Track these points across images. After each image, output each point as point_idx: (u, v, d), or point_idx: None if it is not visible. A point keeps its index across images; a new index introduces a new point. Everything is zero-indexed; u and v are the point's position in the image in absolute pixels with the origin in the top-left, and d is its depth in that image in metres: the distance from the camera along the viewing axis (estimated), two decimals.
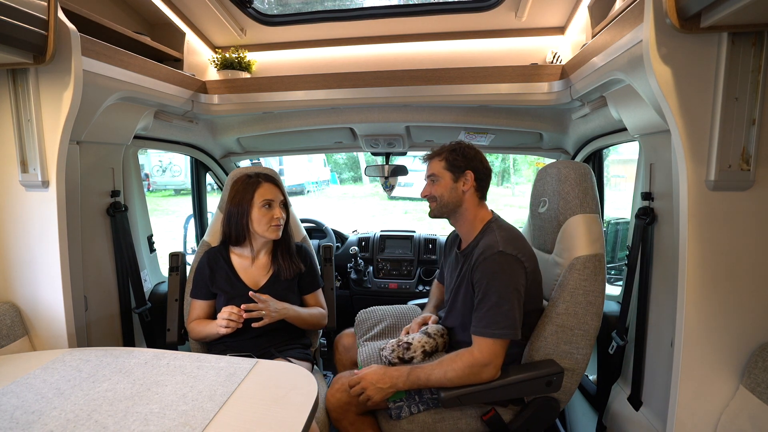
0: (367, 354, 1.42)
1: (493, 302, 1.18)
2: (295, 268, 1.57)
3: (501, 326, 1.16)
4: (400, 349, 1.33)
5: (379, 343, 1.47)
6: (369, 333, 1.58)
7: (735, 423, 0.96)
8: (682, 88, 0.94)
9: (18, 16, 0.99)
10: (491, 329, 1.17)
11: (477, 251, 1.27)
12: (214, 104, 1.80)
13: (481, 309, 1.20)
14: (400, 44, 1.90)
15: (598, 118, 1.61)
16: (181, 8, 1.76)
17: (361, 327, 1.62)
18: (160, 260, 2.08)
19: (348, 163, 17.19)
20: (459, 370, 1.19)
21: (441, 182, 1.36)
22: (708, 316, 0.99)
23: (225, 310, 1.39)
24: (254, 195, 1.49)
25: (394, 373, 1.25)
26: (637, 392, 1.36)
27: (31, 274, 1.25)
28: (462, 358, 1.20)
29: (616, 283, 2.03)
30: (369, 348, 1.45)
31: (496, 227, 1.31)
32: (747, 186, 0.96)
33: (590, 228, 1.34)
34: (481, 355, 1.18)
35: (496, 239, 1.25)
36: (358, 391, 1.26)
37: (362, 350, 1.45)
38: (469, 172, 1.34)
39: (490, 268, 1.20)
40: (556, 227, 1.40)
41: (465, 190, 1.34)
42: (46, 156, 1.18)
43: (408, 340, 1.36)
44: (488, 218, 1.37)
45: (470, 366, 1.18)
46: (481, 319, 1.20)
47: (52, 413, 0.88)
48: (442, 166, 1.36)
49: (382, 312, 1.66)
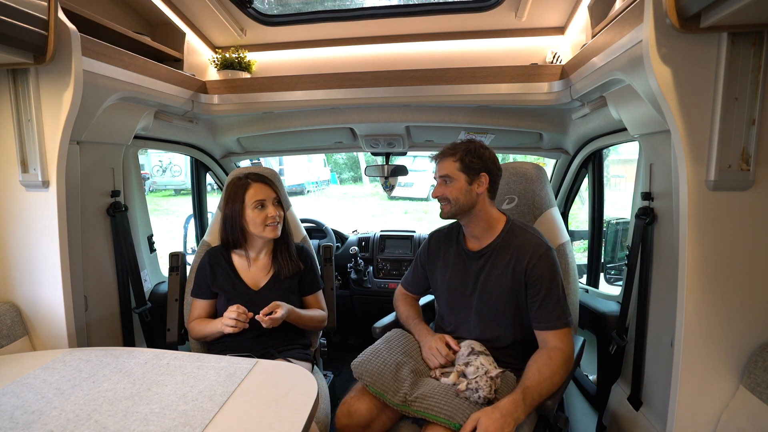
0: (450, 406, 1.10)
1: (559, 294, 1.24)
2: (295, 266, 1.57)
3: (568, 314, 1.25)
4: (494, 382, 1.14)
5: (427, 387, 1.19)
6: (405, 385, 1.19)
7: (735, 423, 0.96)
8: (682, 88, 0.94)
9: (18, 16, 0.99)
10: (564, 319, 1.23)
11: (524, 251, 1.27)
12: (214, 104, 1.80)
13: (549, 303, 1.23)
14: (400, 44, 1.90)
15: (598, 118, 1.61)
16: (181, 8, 1.76)
17: (385, 383, 1.20)
18: (160, 260, 2.08)
19: (348, 163, 17.18)
20: (560, 370, 1.17)
21: (455, 184, 1.30)
22: (708, 316, 0.99)
23: (232, 310, 1.37)
24: (245, 197, 1.48)
25: (510, 408, 1.06)
26: (637, 392, 1.36)
27: (31, 274, 1.25)
28: (557, 359, 1.18)
29: (616, 283, 2.03)
30: (437, 399, 1.13)
31: (524, 226, 1.36)
32: (747, 186, 0.96)
33: (558, 220, 1.58)
34: (567, 347, 1.21)
35: (539, 237, 1.32)
36: None
37: (432, 404, 1.11)
38: (484, 175, 1.31)
39: (548, 264, 1.26)
40: (531, 221, 1.58)
41: (479, 193, 1.31)
42: (47, 156, 1.18)
43: (487, 366, 1.17)
44: (504, 218, 1.37)
45: (565, 361, 1.19)
46: (551, 313, 1.23)
47: (52, 413, 0.88)
48: (457, 167, 1.31)
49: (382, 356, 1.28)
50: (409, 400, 1.15)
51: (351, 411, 1.20)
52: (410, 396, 1.16)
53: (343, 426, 1.20)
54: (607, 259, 2.13)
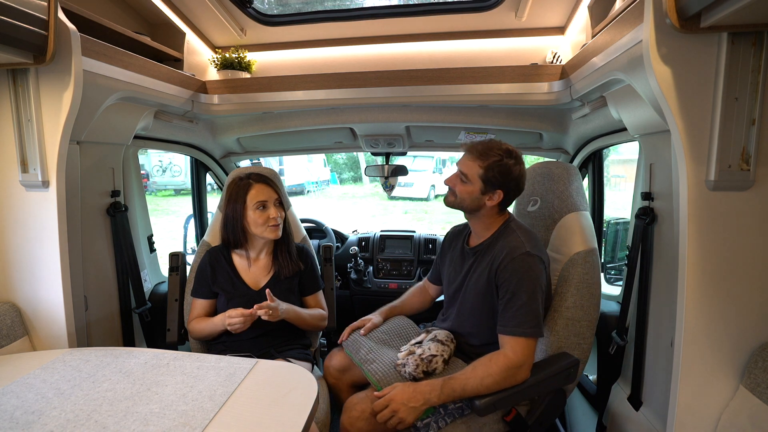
0: (383, 372, 1.29)
1: (523, 301, 1.18)
2: (295, 266, 1.57)
3: (531, 325, 1.17)
4: (423, 362, 1.24)
5: (383, 357, 1.35)
6: (365, 349, 1.40)
7: (735, 423, 0.96)
8: (682, 88, 0.94)
9: (18, 16, 0.99)
10: (523, 328, 1.17)
11: (501, 252, 1.26)
12: (214, 104, 1.80)
13: (511, 308, 1.19)
14: (400, 44, 1.90)
15: (598, 118, 1.61)
16: (181, 8, 1.76)
17: (355, 347, 1.43)
18: (160, 260, 2.08)
19: (348, 163, 17.18)
20: (496, 375, 1.15)
21: (469, 187, 1.29)
22: (708, 316, 0.99)
23: (235, 314, 1.36)
24: (246, 197, 1.48)
25: (425, 389, 1.16)
26: (637, 392, 1.36)
27: (31, 274, 1.25)
28: (497, 363, 1.16)
29: (616, 283, 2.03)
30: (380, 365, 1.32)
31: (515, 227, 1.32)
32: (747, 186, 0.96)
33: (585, 224, 1.42)
34: (516, 356, 1.16)
35: (521, 240, 1.26)
36: (387, 415, 1.16)
37: (373, 368, 1.31)
38: (499, 192, 1.29)
39: (519, 269, 1.21)
40: (551, 225, 1.48)
41: (488, 205, 1.31)
42: (46, 156, 1.18)
43: (431, 351, 1.28)
44: (505, 218, 1.37)
45: (507, 369, 1.15)
46: (511, 319, 1.18)
47: (52, 413, 0.88)
48: (479, 173, 1.27)
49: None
50: (363, 359, 1.35)
51: (331, 356, 1.52)
52: (364, 357, 1.36)
53: (326, 367, 1.51)
54: (607, 259, 2.13)
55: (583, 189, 1.52)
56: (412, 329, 1.53)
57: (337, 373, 1.47)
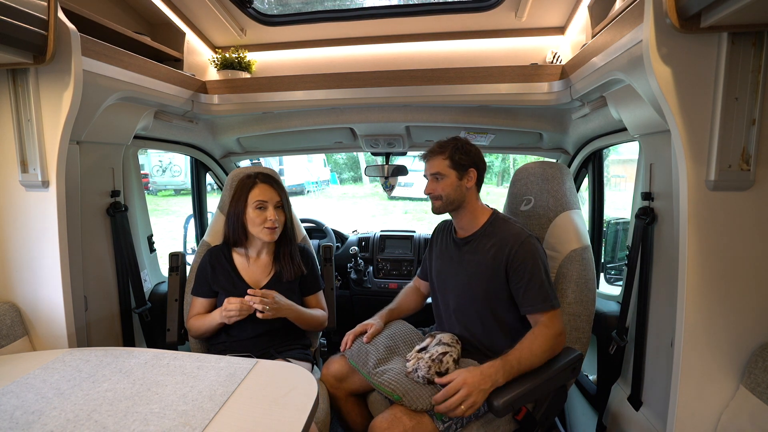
0: (397, 381, 1.24)
1: (543, 278, 1.27)
2: (297, 270, 1.57)
3: (555, 297, 1.27)
4: (435, 363, 1.24)
5: (392, 367, 1.32)
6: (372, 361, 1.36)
7: (735, 423, 0.96)
8: (682, 88, 0.94)
9: (18, 16, 0.99)
10: (551, 302, 1.25)
11: (506, 241, 1.32)
12: (214, 104, 1.80)
13: (533, 288, 1.27)
14: (400, 44, 1.90)
15: (598, 118, 1.61)
16: (181, 8, 1.76)
17: (361, 358, 1.39)
18: (160, 260, 2.08)
19: (348, 163, 17.19)
20: (545, 345, 1.21)
21: (446, 180, 1.38)
22: (708, 316, 0.99)
23: (231, 302, 1.36)
24: (248, 195, 1.49)
25: (490, 371, 1.15)
26: (637, 392, 1.36)
27: (31, 274, 1.25)
28: (542, 335, 1.22)
29: (616, 283, 2.02)
30: (392, 374, 1.27)
31: (505, 218, 1.41)
32: (747, 186, 0.96)
33: (579, 222, 1.51)
34: (555, 326, 1.24)
35: (519, 226, 1.36)
36: (458, 400, 1.11)
37: (385, 379, 1.26)
38: (472, 170, 1.39)
39: (530, 251, 1.29)
40: (546, 223, 1.54)
41: (468, 187, 1.39)
42: (46, 156, 1.18)
43: (439, 351, 1.26)
44: (490, 210, 1.45)
45: (552, 338, 1.21)
46: (537, 296, 1.26)
47: (52, 413, 0.88)
48: (447, 164, 1.38)
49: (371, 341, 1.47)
50: (372, 373, 1.31)
51: (329, 364, 1.47)
52: (373, 370, 1.32)
53: (324, 375, 1.46)
54: (607, 259, 2.13)
55: (575, 188, 1.61)
56: (414, 334, 1.52)
57: (336, 381, 1.44)
